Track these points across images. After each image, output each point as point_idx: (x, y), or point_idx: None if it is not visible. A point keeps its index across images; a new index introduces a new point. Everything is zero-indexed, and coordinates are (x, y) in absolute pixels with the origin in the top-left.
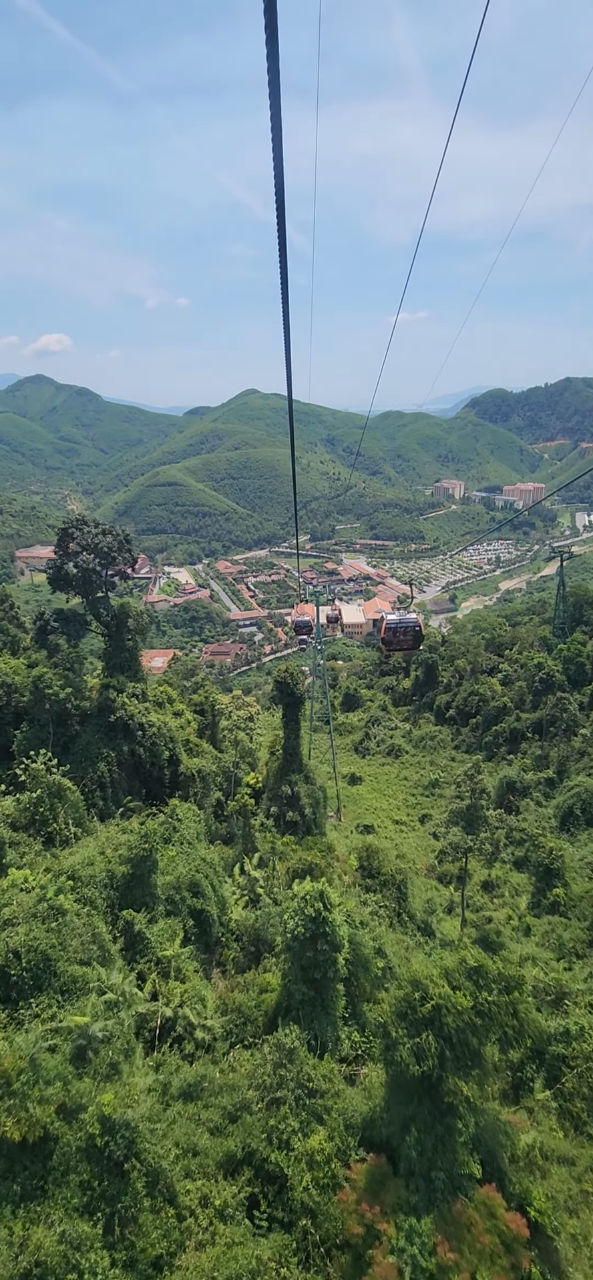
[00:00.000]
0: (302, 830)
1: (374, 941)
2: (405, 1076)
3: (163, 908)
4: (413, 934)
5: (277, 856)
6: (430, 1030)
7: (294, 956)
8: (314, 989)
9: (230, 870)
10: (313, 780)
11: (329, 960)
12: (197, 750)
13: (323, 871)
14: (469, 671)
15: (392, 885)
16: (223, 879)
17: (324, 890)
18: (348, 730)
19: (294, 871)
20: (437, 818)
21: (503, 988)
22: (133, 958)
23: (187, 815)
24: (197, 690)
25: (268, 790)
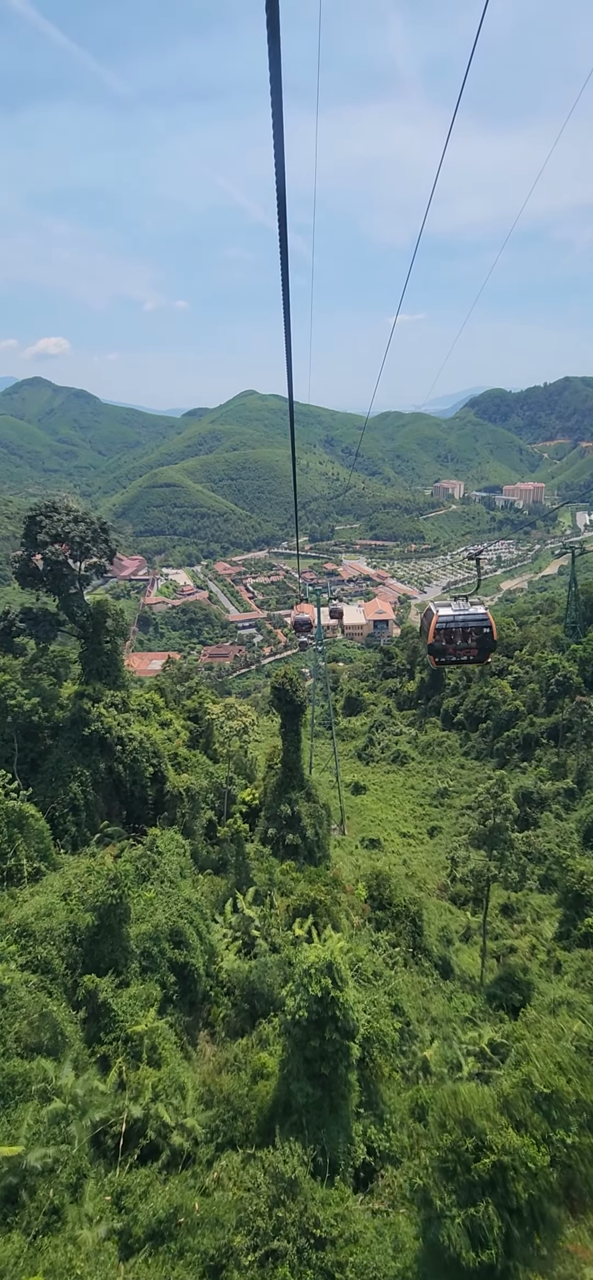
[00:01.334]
0: (303, 854)
1: (390, 997)
2: (457, 1265)
3: (137, 964)
4: (430, 972)
5: (275, 889)
6: (491, 1199)
7: (296, 1045)
8: (321, 1087)
9: (221, 907)
10: (315, 797)
11: (340, 1051)
12: (186, 764)
13: (328, 909)
14: (478, 673)
15: (405, 918)
16: (211, 922)
17: (334, 961)
18: (350, 736)
19: (295, 910)
20: (447, 829)
21: (587, 1121)
22: (96, 1035)
23: (168, 847)
24: (190, 695)
25: (266, 808)
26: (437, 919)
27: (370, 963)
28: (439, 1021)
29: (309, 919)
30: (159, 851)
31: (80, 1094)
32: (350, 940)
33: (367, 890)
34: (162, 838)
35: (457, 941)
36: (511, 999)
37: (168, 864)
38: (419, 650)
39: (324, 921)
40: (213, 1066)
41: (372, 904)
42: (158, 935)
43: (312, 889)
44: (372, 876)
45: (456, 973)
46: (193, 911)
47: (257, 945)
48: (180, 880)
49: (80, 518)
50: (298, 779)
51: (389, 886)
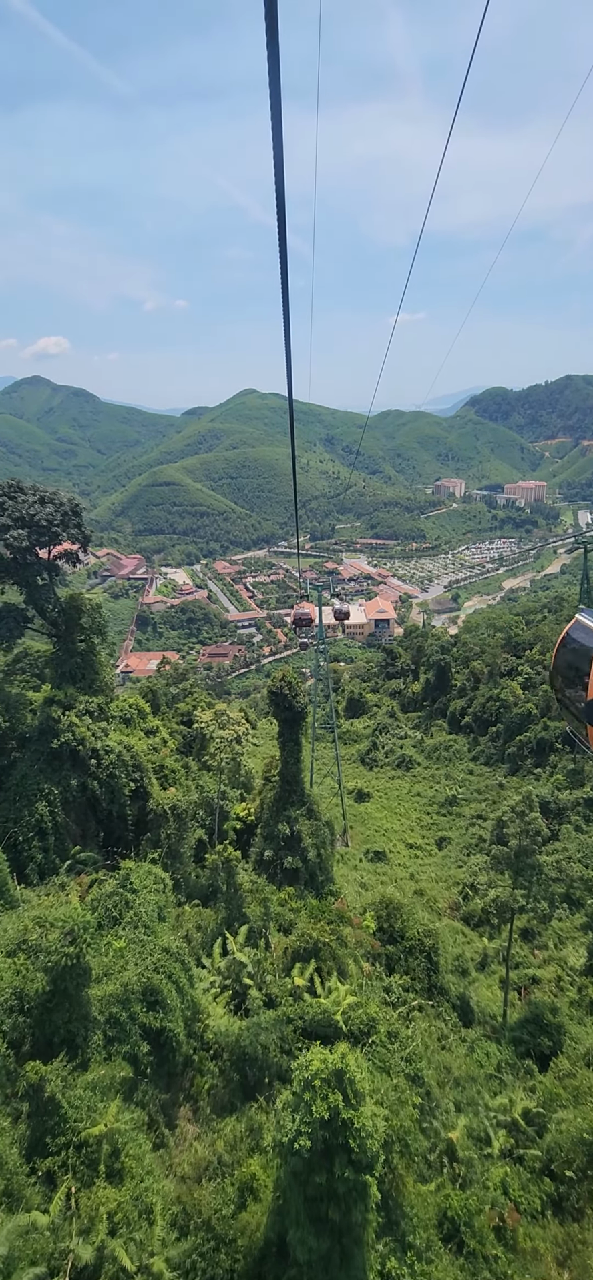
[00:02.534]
0: (304, 879)
1: (408, 1065)
2: None
3: (100, 1036)
4: (448, 1014)
5: (271, 923)
6: None
7: (295, 1179)
8: (329, 1235)
9: (209, 947)
10: (317, 814)
11: (355, 1190)
12: (174, 778)
13: (333, 951)
14: (487, 674)
15: (419, 953)
16: (197, 968)
17: (345, 1068)
18: (353, 739)
19: (295, 952)
20: (456, 840)
21: None
22: (41, 1141)
23: (144, 882)
24: (184, 698)
25: (262, 826)
26: (451, 944)
27: (384, 1019)
28: (462, 1083)
29: (311, 964)
30: (133, 889)
31: (3, 1251)
32: (360, 991)
33: (376, 921)
34: (136, 872)
35: (473, 971)
36: (538, 1045)
37: (143, 904)
38: (424, 649)
39: (328, 966)
40: (192, 1167)
41: (382, 937)
42: (128, 997)
43: (314, 928)
44: (381, 906)
45: (476, 1013)
46: (172, 963)
47: (249, 997)
48: (157, 925)
49: (48, 498)
50: (298, 794)
51: (401, 917)
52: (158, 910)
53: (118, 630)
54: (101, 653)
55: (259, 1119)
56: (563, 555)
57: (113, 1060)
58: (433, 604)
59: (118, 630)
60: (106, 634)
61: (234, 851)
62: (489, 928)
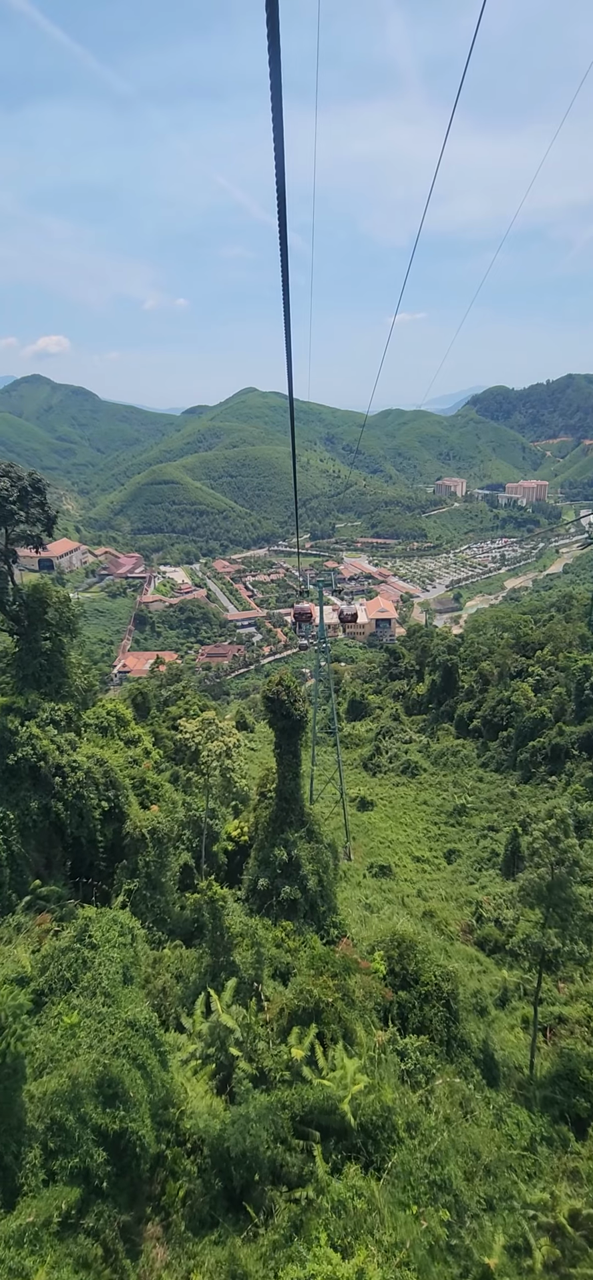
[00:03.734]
0: (303, 911)
1: (434, 1170)
2: None
3: (39, 1150)
4: (470, 1071)
5: (264, 969)
6: None
7: None
8: None
9: (190, 1003)
10: (318, 835)
11: None
12: (157, 794)
13: (338, 1012)
14: (497, 676)
15: (436, 1000)
16: (170, 1040)
17: None
18: (355, 743)
19: (292, 1014)
20: (466, 854)
21: None
22: None
23: (107, 934)
24: (176, 701)
25: (256, 847)
26: (466, 976)
27: (403, 1108)
28: (493, 1170)
29: (312, 1029)
30: (92, 944)
31: None
32: (371, 1068)
33: (386, 962)
34: (98, 922)
35: (492, 1008)
36: (574, 1107)
37: (105, 963)
38: (429, 649)
39: (333, 1031)
40: None
41: (393, 981)
42: (77, 1094)
43: (315, 983)
44: (392, 944)
45: (501, 1068)
46: (139, 1041)
47: (236, 1074)
48: (122, 992)
49: (2, 471)
50: (297, 813)
51: (414, 958)
52: (123, 971)
53: (116, 630)
54: (72, 653)
55: (245, 1258)
56: (565, 554)
57: (55, 1184)
58: (435, 603)
59: (116, 630)
60: (77, 630)
61: (221, 889)
62: (507, 955)
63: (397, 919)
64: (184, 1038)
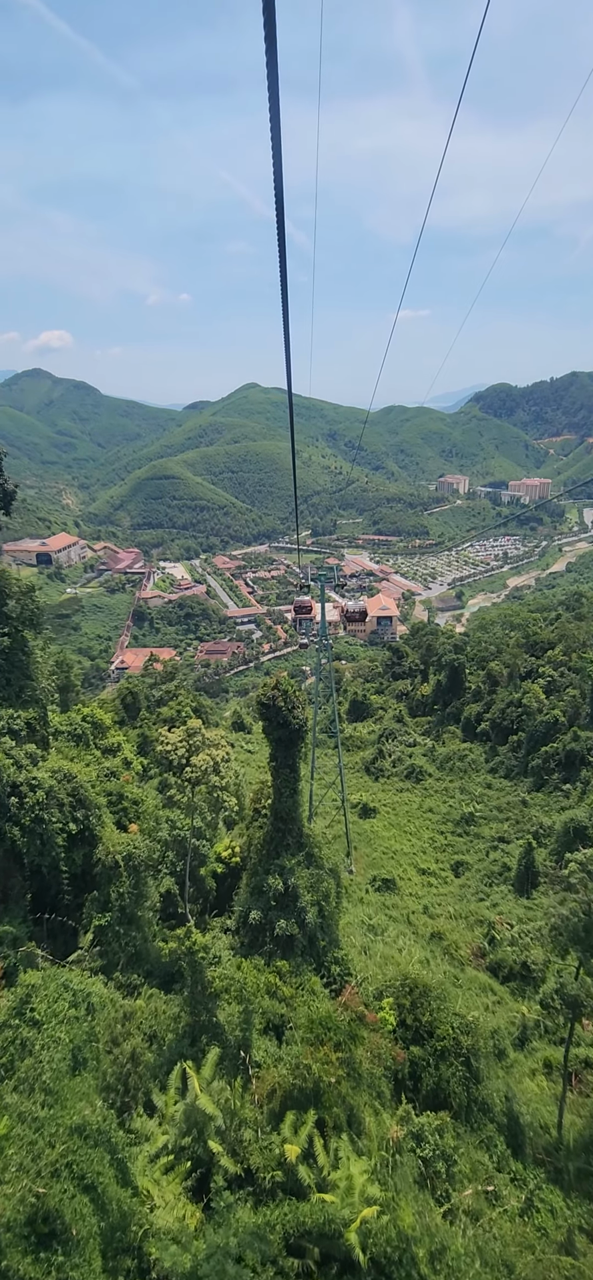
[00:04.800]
0: (301, 948)
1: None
2: None
3: None
4: (494, 1139)
5: (252, 1030)
6: None
7: None
8: None
9: (163, 1076)
10: (319, 859)
11: None
12: (137, 810)
13: (341, 1094)
14: (506, 677)
15: (455, 1057)
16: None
17: None
18: (357, 745)
19: (286, 1094)
20: (475, 866)
21: None
22: None
23: (54, 1007)
24: (169, 701)
25: (249, 873)
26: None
27: (425, 1232)
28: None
29: (310, 1116)
30: (34, 1019)
31: None
32: (383, 1174)
33: (396, 1012)
34: (44, 990)
35: (510, 1050)
36: None
37: (49, 1046)
38: (434, 648)
39: (336, 1116)
40: None
41: (404, 1034)
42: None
43: (315, 1058)
44: (403, 990)
45: (527, 1133)
46: (87, 1155)
47: (215, 1179)
48: (68, 1085)
49: None
50: (294, 834)
51: (428, 1006)
52: (74, 1055)
53: (114, 626)
54: (37, 651)
55: None
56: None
57: None
58: (437, 601)
59: (114, 626)
60: (42, 625)
61: (201, 936)
62: (522, 982)
63: (403, 943)
64: (154, 1123)
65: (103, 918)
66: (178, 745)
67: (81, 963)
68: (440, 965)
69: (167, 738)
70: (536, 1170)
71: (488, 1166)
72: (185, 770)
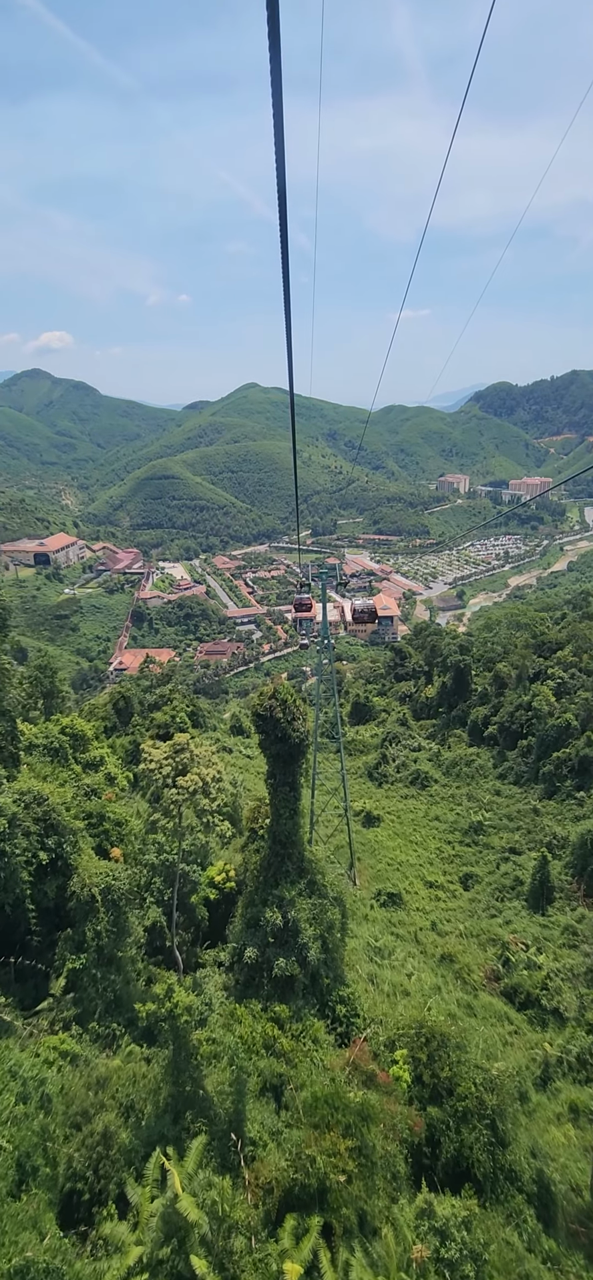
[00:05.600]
0: (302, 990)
1: None
2: None
3: None
4: (521, 1212)
5: (245, 1100)
6: None
7: None
8: None
9: (139, 1163)
10: (323, 887)
11: None
12: (120, 833)
13: (351, 1196)
14: (514, 679)
15: (478, 1119)
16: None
17: None
18: (359, 749)
19: (285, 1193)
20: (486, 879)
21: None
22: None
23: None
24: (163, 705)
25: (244, 903)
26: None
27: None
28: None
29: (314, 1222)
30: None
31: None
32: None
33: (411, 1067)
34: None
35: (532, 1090)
36: None
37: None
38: (438, 648)
39: (345, 1219)
40: None
41: (421, 1092)
42: None
43: (320, 1146)
44: (418, 1040)
45: (559, 1201)
46: None
47: None
48: (9, 1212)
49: None
50: (295, 860)
51: (448, 1060)
52: (19, 1166)
53: (113, 626)
54: (3, 656)
55: None
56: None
57: None
58: (438, 601)
59: (113, 626)
60: (8, 629)
61: (185, 994)
62: (541, 1010)
63: (412, 965)
64: (126, 1227)
65: (77, 960)
66: (163, 763)
67: (52, 1012)
68: (453, 992)
69: (150, 754)
70: (574, 1255)
71: (518, 1249)
72: (171, 792)
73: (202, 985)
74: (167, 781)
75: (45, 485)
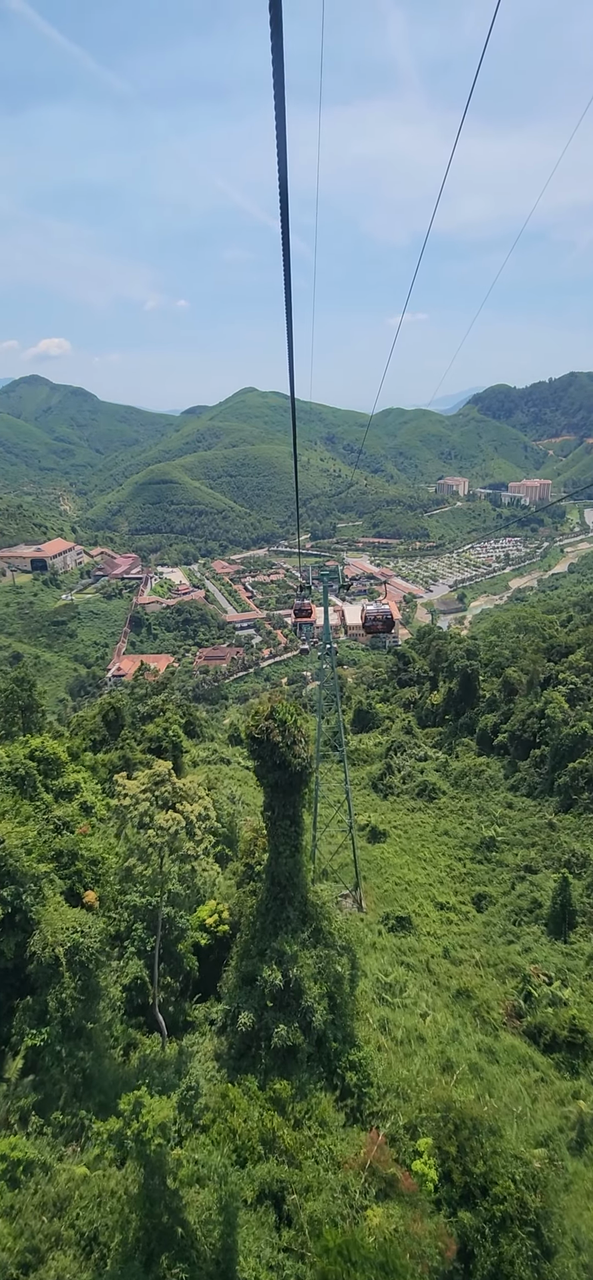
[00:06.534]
0: (305, 1058)
1: None
2: None
3: None
4: None
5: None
6: None
7: None
8: None
9: None
10: (329, 935)
11: None
12: (96, 873)
13: None
14: (526, 685)
15: (520, 1225)
16: None
17: None
18: (363, 759)
19: None
20: (500, 901)
21: None
22: None
23: None
24: (154, 717)
25: (239, 953)
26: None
27: None
28: None
29: None
30: None
31: None
32: None
33: (437, 1161)
34: None
35: (568, 1159)
36: None
37: None
38: (444, 653)
39: None
40: None
41: (450, 1193)
42: None
43: None
44: (445, 1129)
45: None
46: None
47: None
48: None
49: None
50: (297, 904)
51: (480, 1150)
52: None
53: (111, 632)
54: None
55: None
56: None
57: None
58: (438, 604)
59: (111, 632)
60: None
61: (158, 1107)
62: (570, 1053)
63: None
64: None
65: (38, 1035)
66: (139, 798)
67: (6, 1101)
68: (472, 1035)
69: (125, 787)
70: None
71: None
72: (146, 835)
73: (187, 1057)
74: (143, 820)
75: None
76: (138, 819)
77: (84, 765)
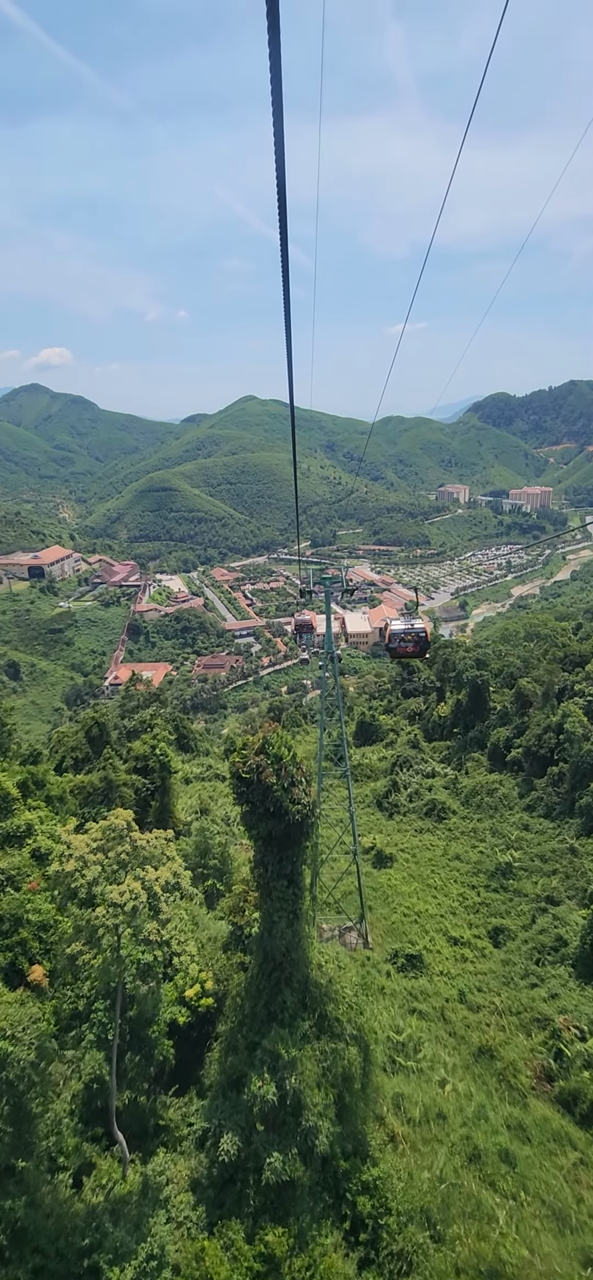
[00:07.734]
0: (306, 1191)
1: None
2: None
3: None
4: None
5: None
6: None
7: None
8: None
9: None
10: (336, 1023)
11: None
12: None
13: None
14: (541, 697)
15: None
16: None
17: None
18: (366, 774)
19: None
20: (520, 935)
21: None
22: None
23: None
24: (141, 734)
25: (223, 1047)
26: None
27: None
28: None
29: None
30: None
31: None
32: None
33: None
34: None
35: None
36: None
37: None
38: (452, 662)
39: None
40: None
41: None
42: None
43: None
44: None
45: None
46: None
47: None
48: None
49: None
50: (296, 987)
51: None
52: None
53: (108, 640)
54: None
55: None
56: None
57: None
58: (440, 611)
59: (108, 640)
60: None
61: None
62: None
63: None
64: None
65: None
66: (89, 860)
67: None
68: (499, 1107)
69: (71, 845)
70: None
71: None
72: (96, 913)
73: (153, 1199)
74: (93, 891)
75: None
76: (85, 890)
77: (49, 794)
